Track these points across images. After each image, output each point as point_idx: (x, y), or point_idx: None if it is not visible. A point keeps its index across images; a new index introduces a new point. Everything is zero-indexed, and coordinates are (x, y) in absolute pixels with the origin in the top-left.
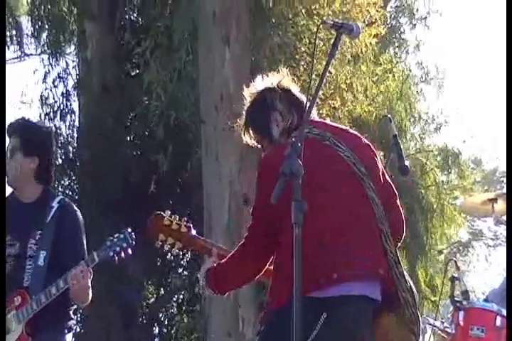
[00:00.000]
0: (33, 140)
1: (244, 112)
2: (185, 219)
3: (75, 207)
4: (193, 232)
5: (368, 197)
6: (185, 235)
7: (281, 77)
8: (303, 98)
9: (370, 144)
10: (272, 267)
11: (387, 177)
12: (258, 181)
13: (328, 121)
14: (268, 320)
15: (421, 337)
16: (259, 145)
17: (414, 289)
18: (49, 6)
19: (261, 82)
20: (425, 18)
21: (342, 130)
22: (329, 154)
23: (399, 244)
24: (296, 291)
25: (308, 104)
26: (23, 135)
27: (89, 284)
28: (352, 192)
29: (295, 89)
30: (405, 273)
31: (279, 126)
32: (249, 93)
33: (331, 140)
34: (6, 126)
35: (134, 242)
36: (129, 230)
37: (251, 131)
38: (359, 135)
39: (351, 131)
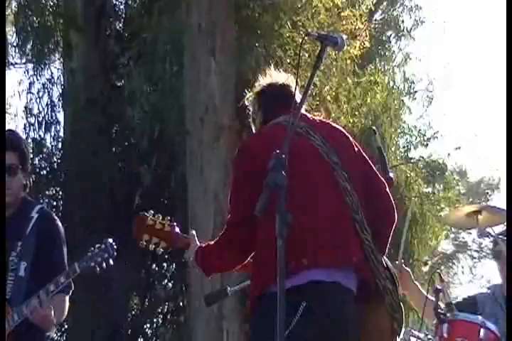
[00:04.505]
0: (27, 155)
1: None
2: (169, 218)
3: (55, 216)
4: (177, 230)
5: (339, 186)
6: (169, 234)
7: (261, 81)
8: (276, 92)
9: (347, 133)
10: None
11: (371, 166)
12: (234, 167)
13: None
14: (254, 306)
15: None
16: None
17: (396, 276)
18: (34, 17)
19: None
20: (411, 30)
21: (316, 120)
22: (301, 143)
23: (391, 231)
24: (280, 297)
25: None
26: (20, 151)
27: (51, 313)
28: (322, 182)
29: (272, 86)
30: (386, 260)
31: (256, 122)
32: None
33: (304, 129)
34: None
35: (115, 253)
36: (110, 241)
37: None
38: (335, 125)
39: (327, 121)
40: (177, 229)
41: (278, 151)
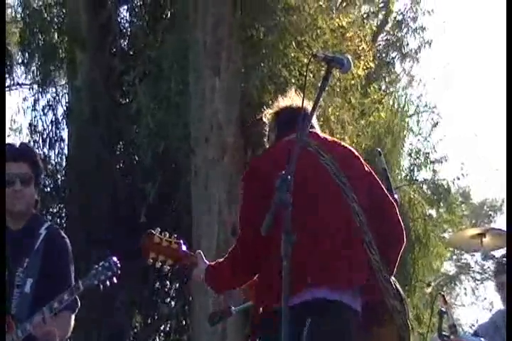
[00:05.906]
0: (40, 168)
1: None
2: (175, 235)
3: (63, 234)
4: (184, 248)
5: (348, 206)
6: (176, 251)
7: (279, 103)
8: (292, 114)
9: (360, 156)
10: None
11: (382, 187)
12: (243, 187)
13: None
14: (257, 322)
15: None
16: None
17: (404, 296)
18: (39, 35)
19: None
20: (416, 51)
21: (327, 139)
22: (311, 164)
23: (399, 254)
24: (284, 320)
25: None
26: (33, 162)
27: (54, 329)
28: (330, 202)
29: (286, 107)
30: (393, 279)
31: (270, 140)
32: None
33: (314, 148)
34: (11, 149)
35: (119, 271)
36: (114, 258)
37: None
38: (348, 146)
39: (340, 142)
40: (184, 247)
41: (284, 172)
